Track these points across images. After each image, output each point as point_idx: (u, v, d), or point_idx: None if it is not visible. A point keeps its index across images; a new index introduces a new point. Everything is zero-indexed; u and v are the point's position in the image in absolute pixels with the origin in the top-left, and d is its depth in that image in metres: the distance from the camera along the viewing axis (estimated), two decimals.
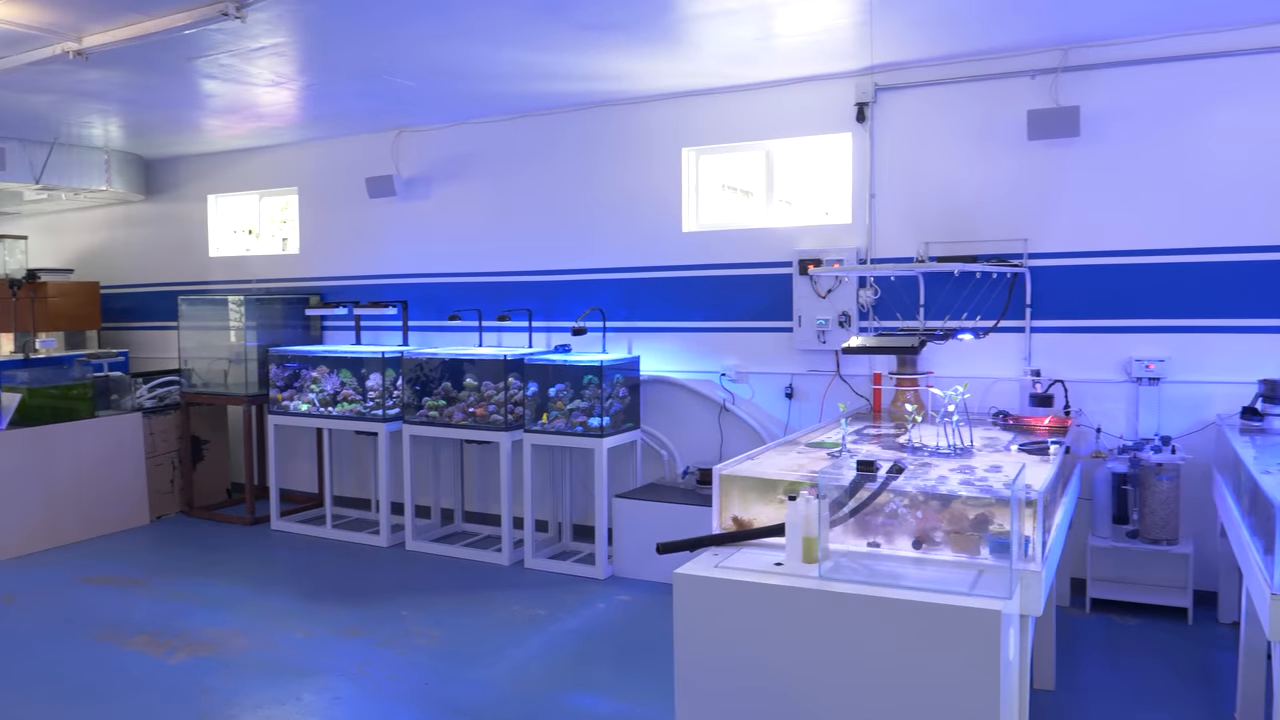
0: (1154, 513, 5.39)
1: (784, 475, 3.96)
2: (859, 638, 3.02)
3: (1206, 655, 4.98)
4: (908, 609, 2.97)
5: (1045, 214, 5.92)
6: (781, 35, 5.63)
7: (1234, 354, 5.51)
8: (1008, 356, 6.01)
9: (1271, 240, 5.42)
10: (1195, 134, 5.58)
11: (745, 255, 6.80)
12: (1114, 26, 5.51)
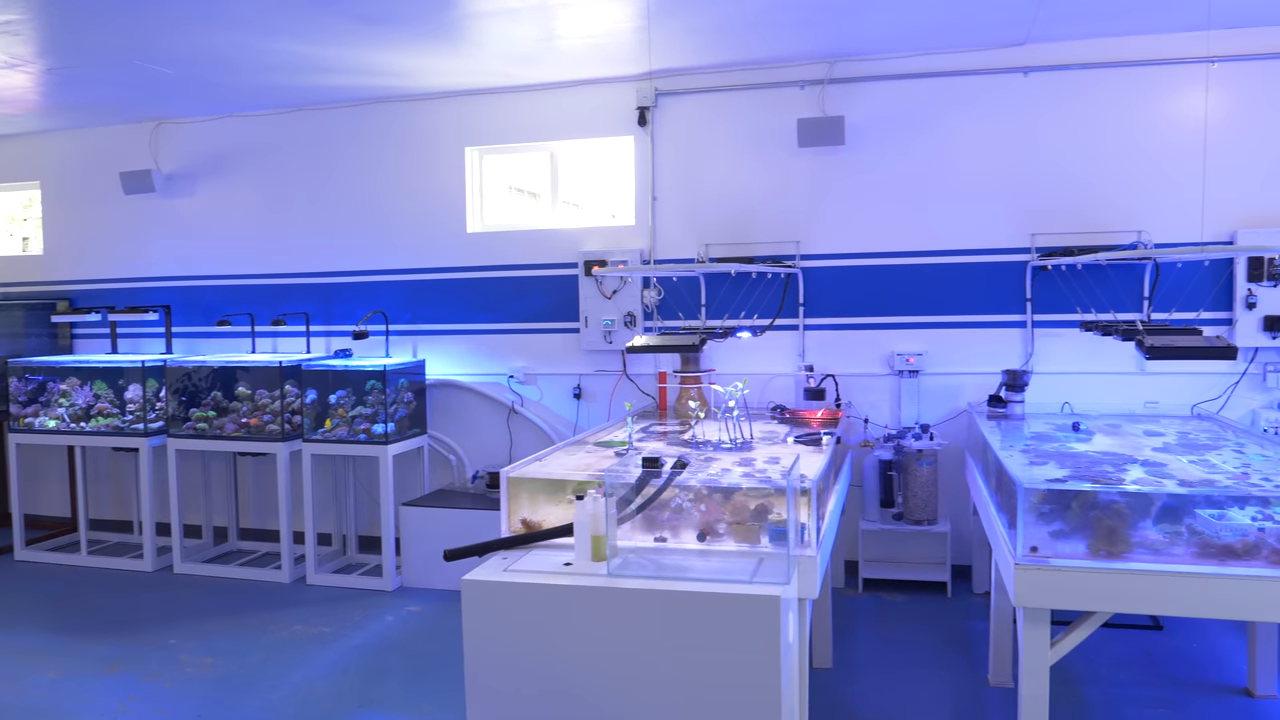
0: (916, 496, 5.80)
1: (572, 475, 3.97)
2: (648, 631, 3.07)
3: (964, 623, 5.40)
4: (692, 600, 3.04)
5: (815, 217, 6.25)
6: (563, 37, 5.66)
7: (981, 347, 6.02)
8: (784, 353, 6.30)
9: (1012, 244, 5.96)
10: (945, 145, 6.06)
11: (531, 256, 6.78)
12: (874, 43, 5.89)
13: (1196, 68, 5.67)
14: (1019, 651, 3.48)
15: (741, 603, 3.01)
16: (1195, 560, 3.30)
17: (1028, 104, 5.93)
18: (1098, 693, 4.47)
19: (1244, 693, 4.44)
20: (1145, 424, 5.10)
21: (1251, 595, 3.21)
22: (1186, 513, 3.39)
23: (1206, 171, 5.65)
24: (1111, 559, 3.35)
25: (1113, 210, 5.82)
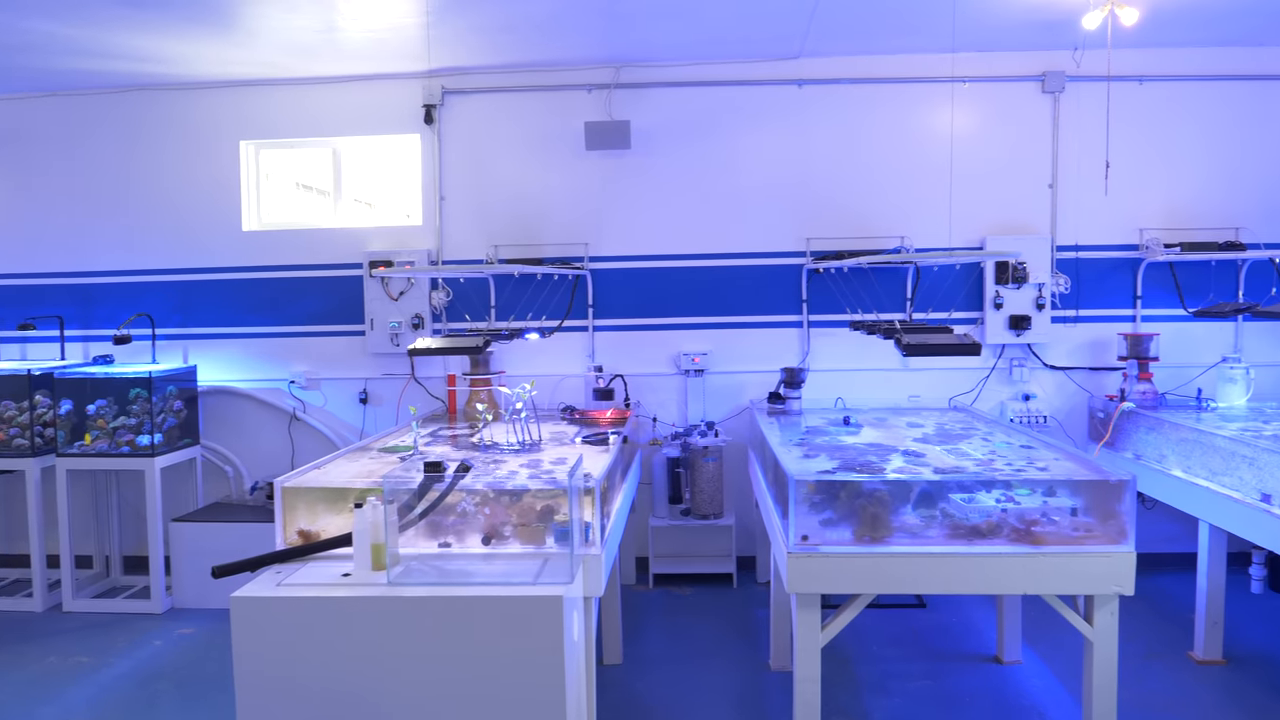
0: (702, 491, 5.98)
1: (353, 483, 3.85)
2: (430, 639, 3.01)
3: (748, 612, 5.62)
4: (475, 605, 3.01)
5: (604, 220, 6.33)
6: (344, 30, 5.47)
7: (763, 346, 6.28)
8: (574, 354, 6.35)
9: (790, 247, 6.25)
10: (728, 151, 6.28)
11: (313, 256, 6.51)
12: (658, 51, 6.03)
13: (948, 87, 6.14)
14: (794, 635, 3.65)
15: (524, 604, 3.00)
16: (948, 541, 3.57)
17: (802, 115, 6.24)
18: (869, 669, 4.75)
19: (994, 660, 4.85)
20: (909, 416, 5.48)
21: (995, 571, 3.51)
22: (941, 498, 3.67)
23: (960, 183, 6.13)
24: (875, 544, 3.58)
25: (880, 217, 6.22)
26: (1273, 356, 6.17)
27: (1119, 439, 5.55)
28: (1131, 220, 6.20)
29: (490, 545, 3.47)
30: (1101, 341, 6.19)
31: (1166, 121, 6.17)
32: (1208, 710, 4.29)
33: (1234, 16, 5.50)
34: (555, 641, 3.01)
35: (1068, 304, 6.18)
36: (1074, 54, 6.07)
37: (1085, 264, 6.20)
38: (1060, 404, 6.21)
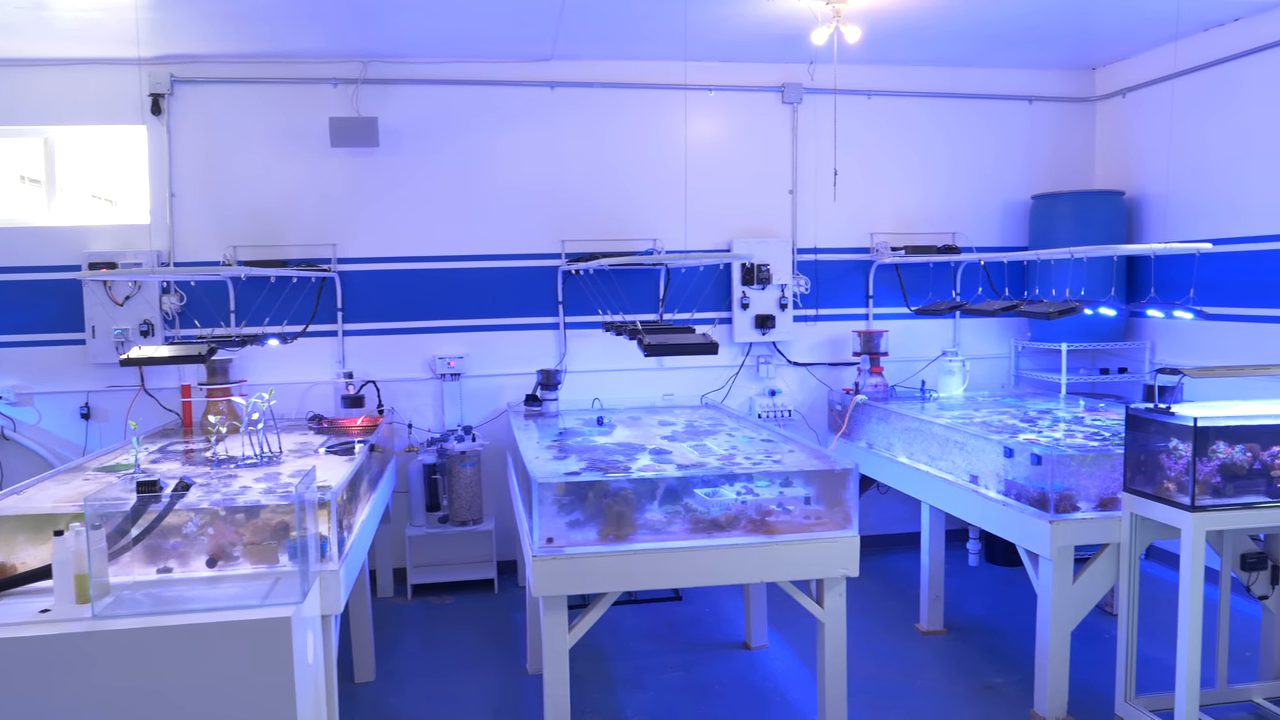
0: (460, 497, 5.88)
1: (60, 508, 3.49)
2: (145, 674, 2.78)
3: (509, 617, 5.57)
4: (194, 633, 2.80)
5: (352, 220, 6.09)
6: (51, 8, 4.97)
7: (520, 348, 6.26)
8: (323, 360, 6.07)
9: (546, 249, 6.25)
10: (482, 152, 6.20)
11: (23, 258, 5.88)
12: (406, 46, 5.86)
13: (695, 93, 6.35)
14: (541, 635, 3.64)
15: (248, 629, 2.82)
16: (689, 536, 3.67)
17: (556, 117, 6.26)
18: (624, 665, 4.83)
19: (743, 646, 5.05)
20: (662, 415, 5.61)
21: (733, 562, 3.64)
22: (684, 493, 3.77)
23: (709, 188, 6.37)
24: (619, 542, 3.62)
25: (634, 220, 6.34)
26: (985, 349, 6.79)
27: (854, 429, 5.93)
28: (864, 225, 6.64)
29: (216, 568, 3.24)
30: (839, 338, 6.60)
31: (893, 133, 6.65)
32: (931, 676, 4.65)
33: (946, 39, 6.00)
34: (284, 665, 2.85)
35: (808, 303, 6.55)
36: (809, 68, 6.43)
37: (824, 265, 6.59)
38: (804, 398, 6.57)
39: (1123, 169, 6.65)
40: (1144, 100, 6.45)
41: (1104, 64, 6.78)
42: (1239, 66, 5.65)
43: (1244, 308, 5.62)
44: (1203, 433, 3.65)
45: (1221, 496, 3.70)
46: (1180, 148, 6.11)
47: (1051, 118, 6.88)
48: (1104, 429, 4.76)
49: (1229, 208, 5.74)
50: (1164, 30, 5.86)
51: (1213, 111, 5.86)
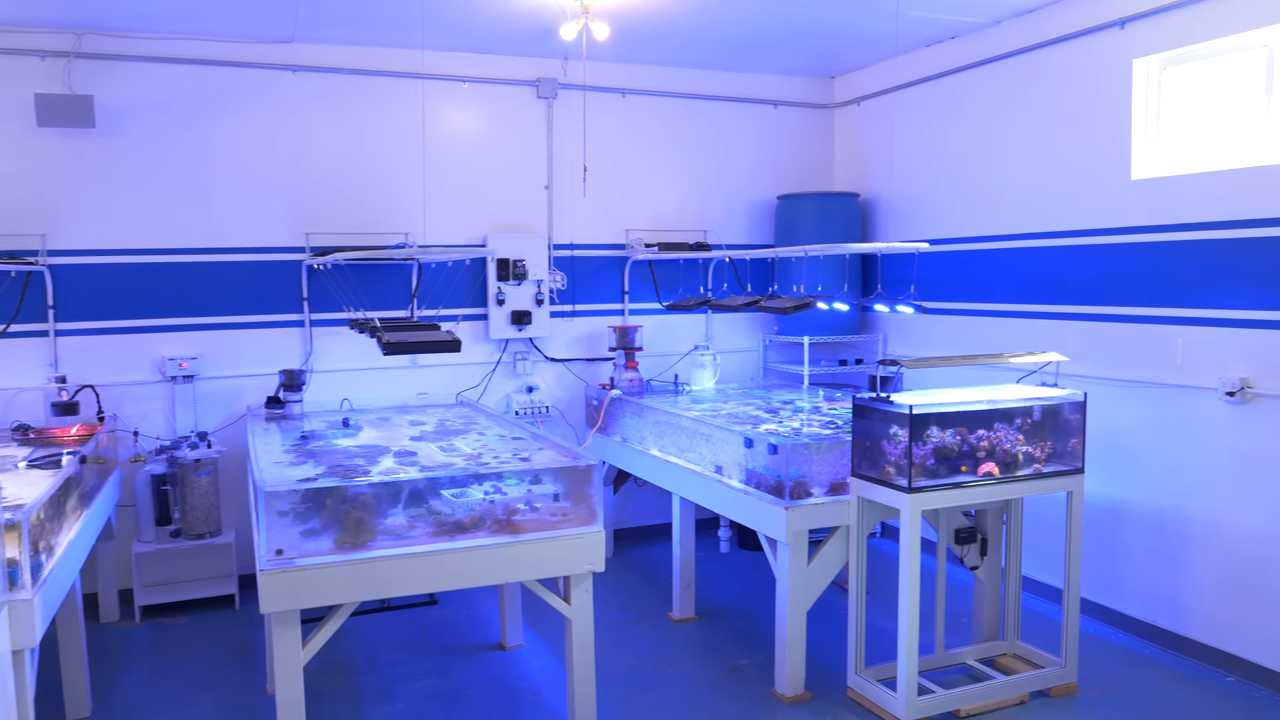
0: (195, 509, 5.46)
1: None
2: None
3: (250, 635, 5.22)
4: None
5: (65, 208, 5.51)
6: None
7: (262, 347, 5.88)
8: (31, 363, 5.46)
9: (288, 242, 5.91)
10: (218, 137, 5.77)
11: None
12: (129, 20, 5.35)
13: (449, 85, 6.20)
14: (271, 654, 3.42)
15: None
16: (432, 539, 3.56)
17: (300, 103, 5.93)
18: (373, 676, 4.64)
19: (498, 648, 4.98)
20: (414, 414, 5.44)
21: (477, 564, 3.56)
22: (428, 496, 3.65)
23: (465, 181, 6.24)
24: (356, 550, 3.46)
25: (386, 213, 6.11)
26: (736, 343, 7.05)
27: (610, 424, 5.99)
28: (620, 221, 6.72)
29: None
30: (596, 334, 6.65)
31: (648, 132, 6.77)
32: (682, 662, 4.76)
33: (695, 43, 6.16)
34: None
35: (566, 299, 6.55)
36: (563, 63, 6.42)
37: (580, 261, 6.61)
38: (561, 394, 6.57)
39: (859, 172, 7.09)
40: (875, 108, 6.89)
41: (841, 73, 7.19)
42: (953, 81, 6.14)
43: (959, 302, 6.12)
44: (918, 419, 3.92)
45: (935, 478, 3.99)
46: (904, 154, 6.58)
47: (795, 122, 7.23)
48: (838, 418, 5.04)
49: (946, 211, 6.24)
50: (891, 45, 6.28)
51: (931, 121, 6.34)
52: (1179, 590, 4.80)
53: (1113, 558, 5.13)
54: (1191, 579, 4.73)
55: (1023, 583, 5.36)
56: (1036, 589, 5.53)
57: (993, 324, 5.87)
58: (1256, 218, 4.39)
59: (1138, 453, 4.97)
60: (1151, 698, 4.32)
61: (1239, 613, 4.52)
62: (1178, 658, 4.75)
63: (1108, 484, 5.12)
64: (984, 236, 5.94)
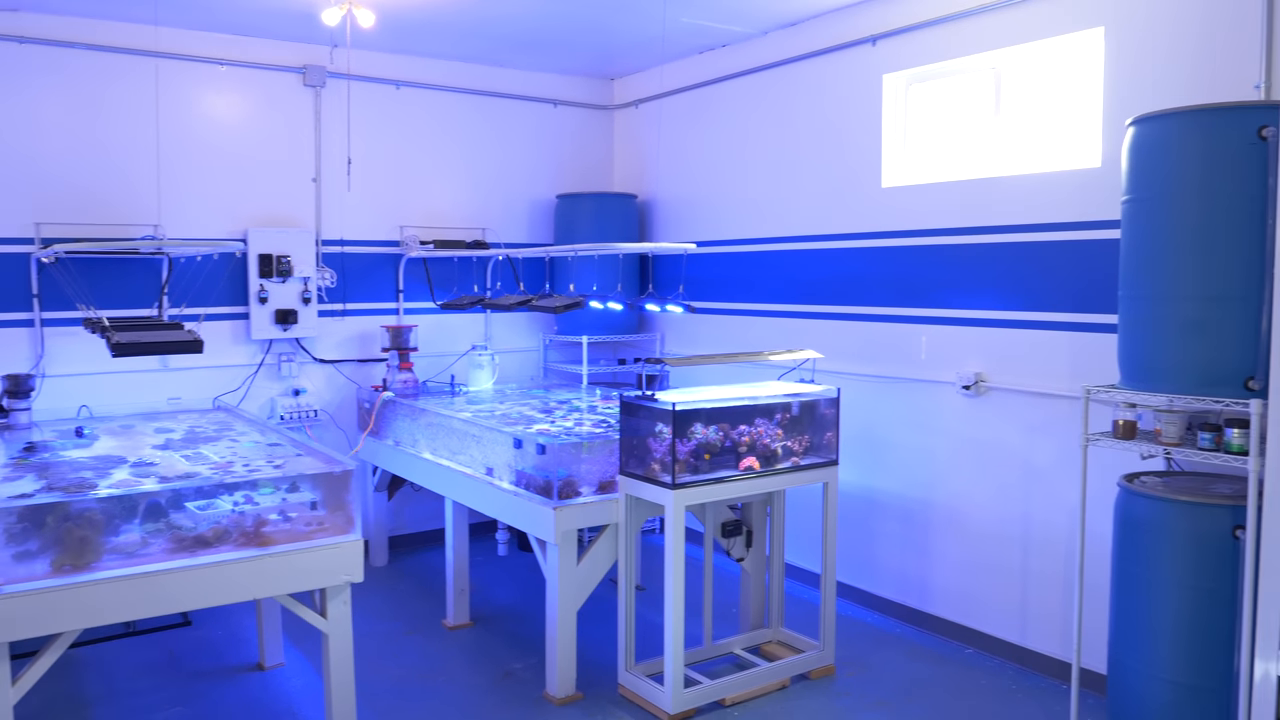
0: None
1: None
2: None
3: None
4: None
5: None
6: None
7: None
8: None
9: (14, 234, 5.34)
10: None
11: None
12: None
13: (206, 68, 5.80)
14: None
15: None
16: (169, 556, 3.29)
17: (27, 80, 5.36)
18: (113, 709, 4.25)
19: (257, 668, 4.69)
20: (163, 421, 5.03)
21: (219, 581, 3.33)
22: (166, 510, 3.37)
23: (225, 172, 5.86)
24: (78, 572, 3.15)
25: (132, 205, 5.63)
26: (517, 343, 6.99)
27: (383, 427, 5.79)
28: (394, 217, 6.51)
29: None
30: (369, 334, 6.40)
31: (425, 126, 6.58)
32: (455, 670, 4.65)
33: (470, 37, 6.04)
34: None
35: (335, 298, 6.27)
36: (330, 50, 6.15)
37: (352, 258, 6.35)
38: (331, 397, 6.29)
39: (637, 174, 7.18)
40: (652, 112, 7.00)
41: (621, 75, 7.27)
42: (724, 88, 6.32)
43: (729, 302, 6.32)
44: (681, 416, 3.99)
45: (699, 473, 4.08)
46: (677, 157, 6.73)
47: (576, 122, 7.24)
48: (611, 416, 5.07)
49: (715, 213, 6.42)
50: (667, 49, 6.40)
51: (702, 126, 6.51)
52: (926, 571, 5.13)
53: (868, 543, 5.43)
54: (936, 560, 5.08)
55: (788, 571, 5.60)
56: (802, 576, 5.78)
57: (762, 323, 6.09)
58: (988, 225, 4.75)
59: (889, 444, 5.28)
60: (901, 673, 4.60)
61: (976, 590, 4.89)
62: (925, 634, 5.08)
63: (863, 474, 5.41)
64: (751, 239, 6.16)
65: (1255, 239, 3.26)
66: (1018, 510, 4.67)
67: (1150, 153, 3.52)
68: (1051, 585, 4.54)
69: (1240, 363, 3.31)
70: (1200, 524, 3.39)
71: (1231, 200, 3.32)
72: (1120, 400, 3.62)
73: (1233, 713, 3.32)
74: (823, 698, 4.34)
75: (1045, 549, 4.56)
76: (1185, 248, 3.42)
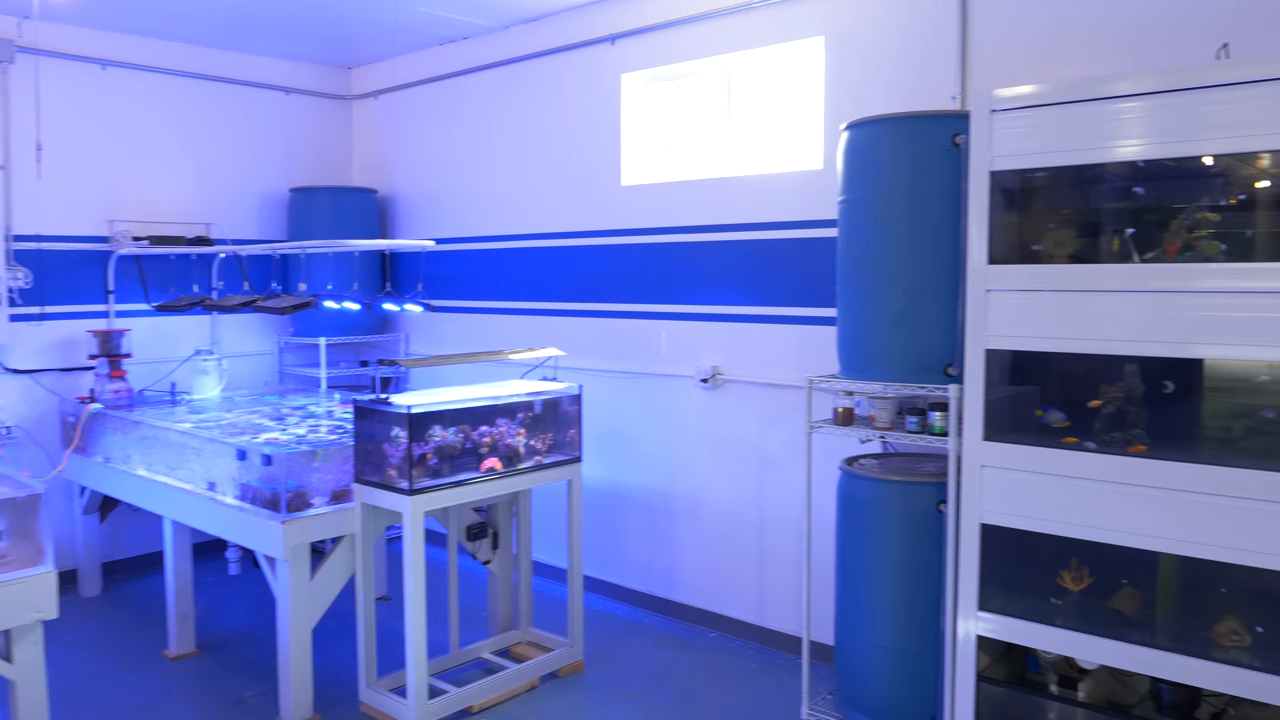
0: None
1: None
2: None
3: None
4: None
5: None
6: None
7: None
8: None
9: None
10: None
11: None
12: None
13: None
14: None
15: None
16: None
17: None
18: None
19: None
20: None
21: None
22: None
23: None
24: None
25: None
26: (248, 346, 6.54)
27: (91, 443, 5.24)
28: (103, 210, 5.91)
29: None
30: (74, 340, 5.76)
31: (138, 111, 6.02)
32: (177, 704, 4.27)
33: (188, 15, 5.57)
34: None
35: (32, 300, 5.59)
36: (19, 22, 5.49)
37: (51, 256, 5.70)
38: (28, 411, 5.61)
39: (377, 168, 6.91)
40: (393, 103, 6.76)
41: (359, 65, 6.97)
42: (466, 82, 6.20)
43: (475, 300, 6.21)
44: (417, 419, 3.85)
45: (439, 477, 3.95)
46: (420, 151, 6.54)
47: (312, 112, 6.87)
48: (350, 422, 4.83)
49: (459, 210, 6.29)
50: (408, 39, 6.19)
51: (445, 120, 6.36)
52: (671, 561, 5.25)
53: (615, 537, 5.50)
54: (680, 549, 5.21)
55: (538, 570, 5.57)
56: (553, 574, 5.76)
57: (508, 321, 6.02)
58: (723, 223, 4.92)
59: (633, 438, 5.37)
60: (648, 663, 4.67)
61: (717, 575, 5.05)
62: (672, 622, 5.20)
63: (608, 469, 5.47)
64: (495, 236, 6.07)
65: (953, 238, 3.54)
66: (754, 497, 4.87)
67: (861, 156, 3.75)
68: (786, 567, 4.76)
69: (941, 351, 3.58)
70: (910, 501, 3.66)
71: (931, 202, 3.59)
72: (839, 389, 3.84)
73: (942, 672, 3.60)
74: (572, 694, 4.34)
75: (780, 533, 4.78)
76: (892, 245, 3.66)
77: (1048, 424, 3.35)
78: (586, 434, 5.11)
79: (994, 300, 3.25)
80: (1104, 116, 2.99)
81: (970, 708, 3.37)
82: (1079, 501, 3.08)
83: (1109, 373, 3.26)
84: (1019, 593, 3.38)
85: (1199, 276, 2.86)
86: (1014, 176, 3.29)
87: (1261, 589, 3.03)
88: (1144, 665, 3.03)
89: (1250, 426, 3.09)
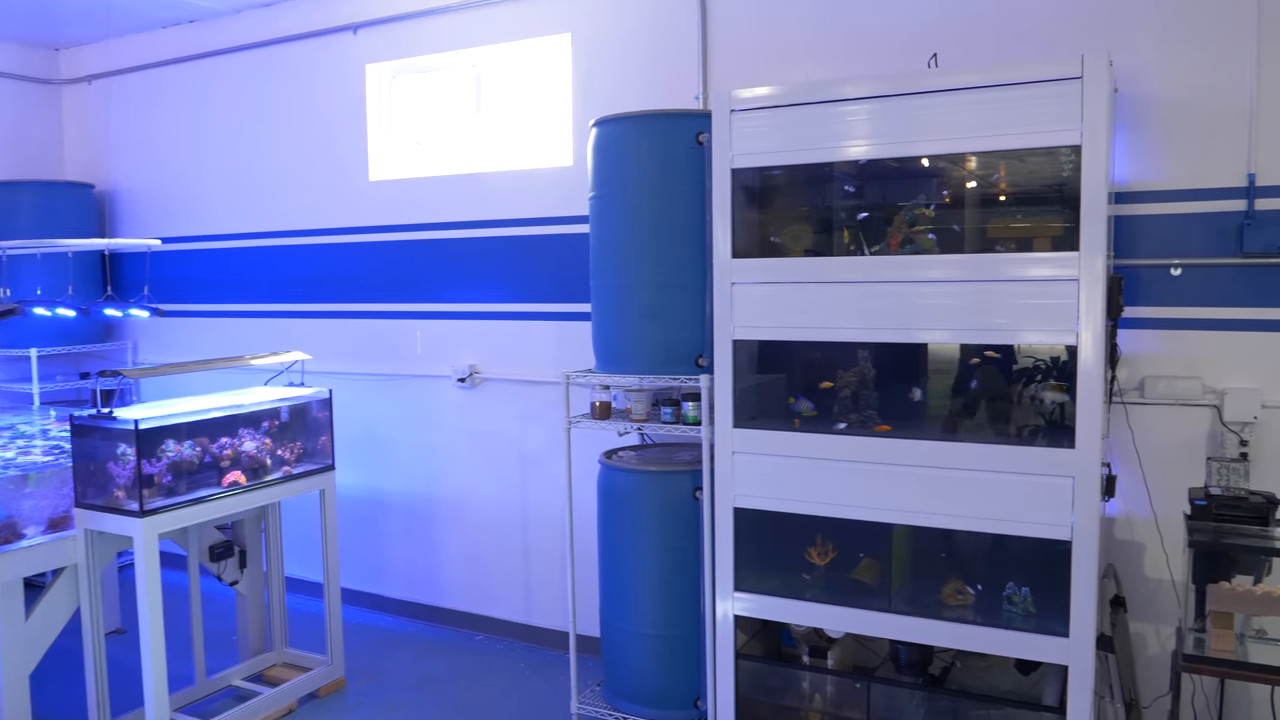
0: None
1: None
2: None
3: None
4: None
5: None
6: None
7: None
8: None
9: None
10: None
11: None
12: None
13: None
14: None
15: None
16: None
17: None
18: None
19: None
20: None
21: None
22: None
23: None
24: None
25: None
26: None
27: None
28: None
29: None
30: None
31: None
32: None
33: None
34: None
35: None
36: None
37: None
38: None
39: (95, 160, 6.30)
40: (110, 89, 6.18)
41: (69, 45, 6.31)
42: (196, 68, 5.76)
43: (214, 303, 5.80)
44: (147, 434, 3.53)
45: (176, 495, 3.65)
46: (145, 143, 6.02)
47: (12, 97, 6.16)
48: (68, 440, 4.37)
49: (193, 206, 5.85)
50: (124, 19, 5.66)
51: (173, 109, 5.88)
52: (434, 566, 5.13)
53: (375, 546, 5.30)
54: (443, 554, 5.10)
55: (294, 586, 5.28)
56: (310, 590, 5.47)
57: (250, 325, 5.66)
58: (476, 219, 4.85)
59: (390, 442, 5.19)
60: (414, 673, 4.54)
61: (481, 577, 4.99)
62: (438, 628, 5.08)
63: (365, 475, 5.27)
64: (234, 234, 5.69)
65: (700, 233, 3.65)
66: (516, 496, 4.84)
67: (609, 153, 3.80)
68: (551, 563, 4.76)
69: (691, 343, 3.70)
70: (667, 489, 3.75)
71: (677, 198, 3.68)
72: (596, 383, 3.88)
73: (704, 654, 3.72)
74: (333, 713, 4.14)
75: (543, 529, 4.77)
76: (642, 241, 3.73)
77: (798, 412, 3.54)
78: (339, 440, 4.88)
79: (739, 293, 3.38)
80: (834, 118, 3.19)
81: (730, 685, 3.51)
82: (821, 481, 3.28)
83: (845, 359, 3.49)
84: (772, 571, 3.55)
85: (918, 268, 3.12)
86: (754, 174, 3.45)
87: (979, 550, 3.34)
88: (883, 629, 3.27)
89: (964, 404, 3.40)
